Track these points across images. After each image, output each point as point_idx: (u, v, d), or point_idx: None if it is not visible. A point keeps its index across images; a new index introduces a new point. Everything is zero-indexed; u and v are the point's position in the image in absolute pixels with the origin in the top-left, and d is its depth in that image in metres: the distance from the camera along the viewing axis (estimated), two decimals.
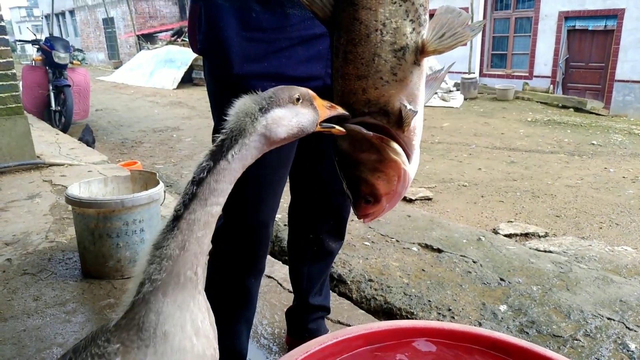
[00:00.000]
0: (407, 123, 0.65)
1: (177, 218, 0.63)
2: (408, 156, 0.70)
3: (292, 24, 1.04)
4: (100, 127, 7.15)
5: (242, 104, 0.69)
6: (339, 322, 1.70)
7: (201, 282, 0.67)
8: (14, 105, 3.62)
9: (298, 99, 0.70)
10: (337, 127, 0.74)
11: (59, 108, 6.24)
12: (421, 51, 0.65)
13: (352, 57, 0.65)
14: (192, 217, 0.64)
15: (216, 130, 1.20)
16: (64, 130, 5.91)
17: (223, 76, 1.10)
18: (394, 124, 0.66)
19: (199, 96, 10.71)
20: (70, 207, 2.60)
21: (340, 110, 0.75)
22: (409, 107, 0.65)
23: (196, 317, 0.65)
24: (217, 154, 0.65)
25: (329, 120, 0.74)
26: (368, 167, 0.69)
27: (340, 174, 0.73)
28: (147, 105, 9.56)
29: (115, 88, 12.68)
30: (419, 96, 0.68)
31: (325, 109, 0.73)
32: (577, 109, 9.46)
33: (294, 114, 0.69)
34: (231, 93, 1.12)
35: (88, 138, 5.30)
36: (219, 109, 1.18)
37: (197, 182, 0.64)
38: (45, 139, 4.76)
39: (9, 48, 3.57)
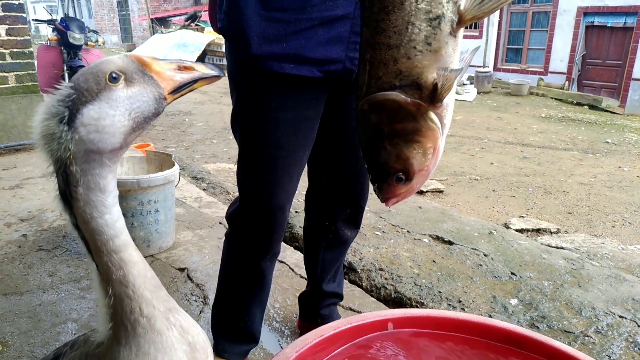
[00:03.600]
0: (448, 87, 0.61)
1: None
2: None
3: (313, 4, 1.02)
4: None
5: (39, 125, 0.53)
6: (350, 309, 1.71)
7: (160, 320, 0.60)
8: (30, 84, 3.64)
9: (115, 78, 0.52)
10: (198, 73, 0.56)
11: None
12: (458, 21, 0.62)
13: (385, 25, 0.63)
14: (101, 263, 0.57)
15: (234, 112, 1.20)
16: None
17: (242, 56, 1.09)
18: (427, 98, 0.63)
19: None
20: None
21: (201, 71, 0.57)
22: (447, 70, 0.61)
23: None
24: (64, 195, 0.54)
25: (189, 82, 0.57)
26: (403, 139, 0.64)
27: (365, 153, 0.68)
28: None
29: None
30: None
31: (170, 73, 0.56)
32: (592, 107, 9.32)
33: (117, 103, 0.51)
34: (250, 74, 1.12)
35: None
36: (238, 90, 1.18)
37: (78, 230, 0.57)
38: None
39: (26, 26, 3.59)
